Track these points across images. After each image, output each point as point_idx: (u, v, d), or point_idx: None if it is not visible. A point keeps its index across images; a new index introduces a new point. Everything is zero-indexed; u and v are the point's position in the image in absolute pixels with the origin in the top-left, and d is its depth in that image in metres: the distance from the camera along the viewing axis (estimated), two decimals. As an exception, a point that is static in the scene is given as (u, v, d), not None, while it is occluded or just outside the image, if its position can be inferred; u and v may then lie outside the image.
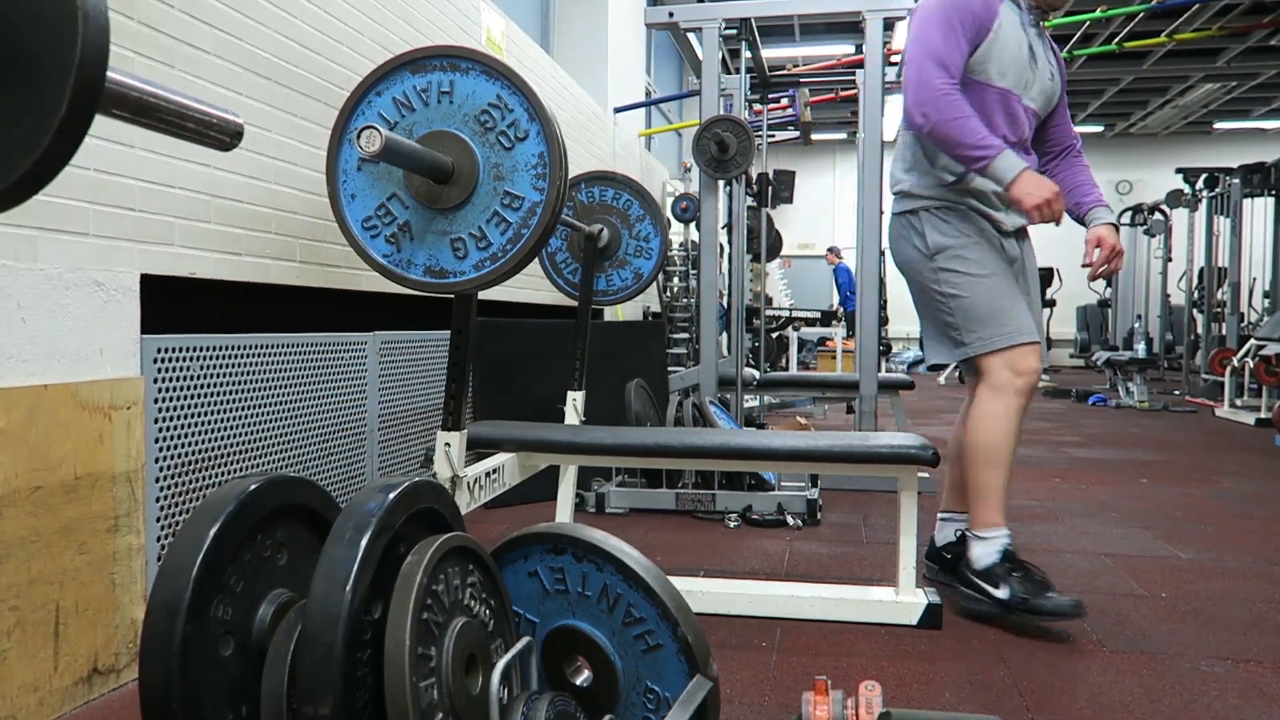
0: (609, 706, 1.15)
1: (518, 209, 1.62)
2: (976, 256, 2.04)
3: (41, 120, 0.53)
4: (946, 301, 2.05)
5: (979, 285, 2.03)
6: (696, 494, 3.05)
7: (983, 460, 2.00)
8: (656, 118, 8.87)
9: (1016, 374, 2.00)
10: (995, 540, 2.00)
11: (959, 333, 2.05)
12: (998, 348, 2.00)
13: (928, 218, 2.07)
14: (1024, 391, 2.01)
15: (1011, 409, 1.99)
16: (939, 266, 2.06)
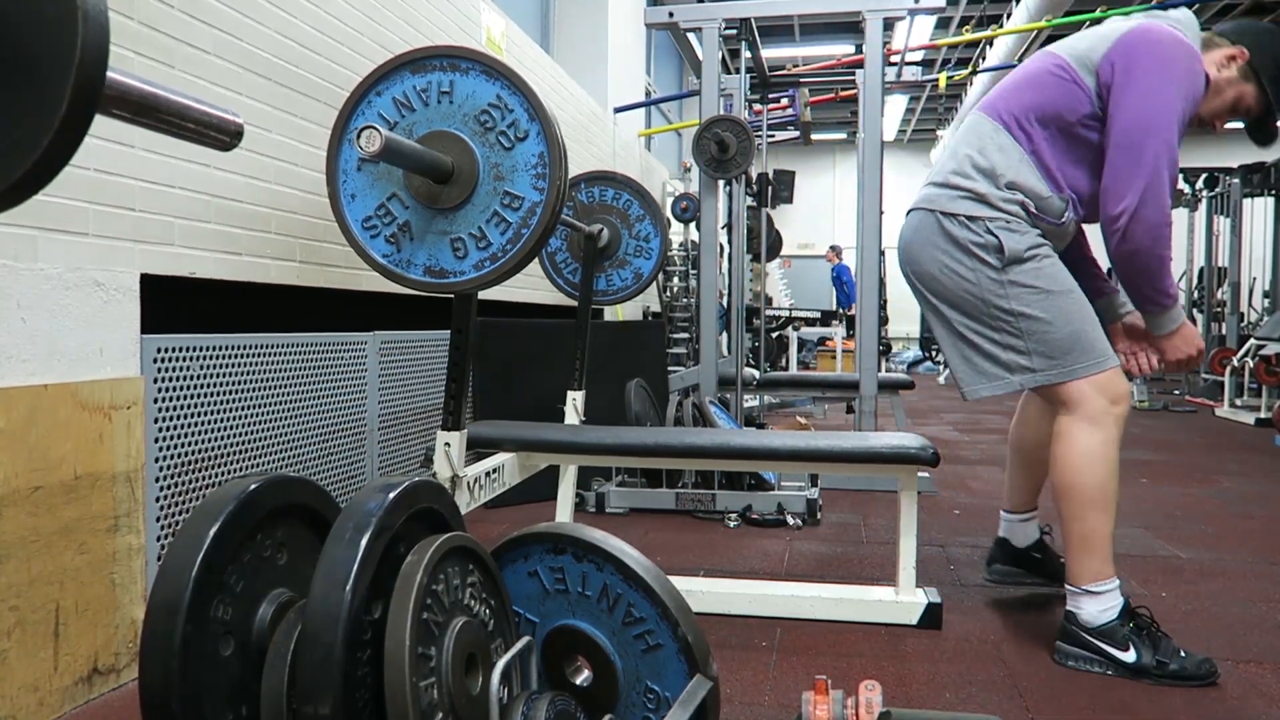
0: (609, 706, 1.15)
1: (518, 209, 1.62)
2: (1054, 271, 1.78)
3: (41, 120, 0.53)
4: (1015, 321, 1.76)
5: (1062, 303, 1.76)
6: (696, 494, 3.05)
7: (1089, 503, 1.72)
8: (656, 118, 8.87)
9: (1114, 401, 1.74)
10: (1112, 593, 1.73)
11: (1028, 357, 1.77)
12: (1089, 374, 1.74)
13: (1000, 226, 1.77)
14: (1122, 420, 1.75)
15: (1112, 440, 1.73)
16: (1012, 280, 1.76)
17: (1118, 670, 1.70)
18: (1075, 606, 1.76)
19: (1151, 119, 1.65)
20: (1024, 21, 7.11)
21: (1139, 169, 1.65)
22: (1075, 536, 1.75)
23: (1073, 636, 1.76)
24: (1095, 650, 1.73)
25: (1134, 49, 1.68)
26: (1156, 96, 1.66)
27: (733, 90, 4.24)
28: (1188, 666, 1.67)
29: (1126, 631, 1.71)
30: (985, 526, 2.94)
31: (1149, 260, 1.70)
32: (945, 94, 10.91)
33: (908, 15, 7.17)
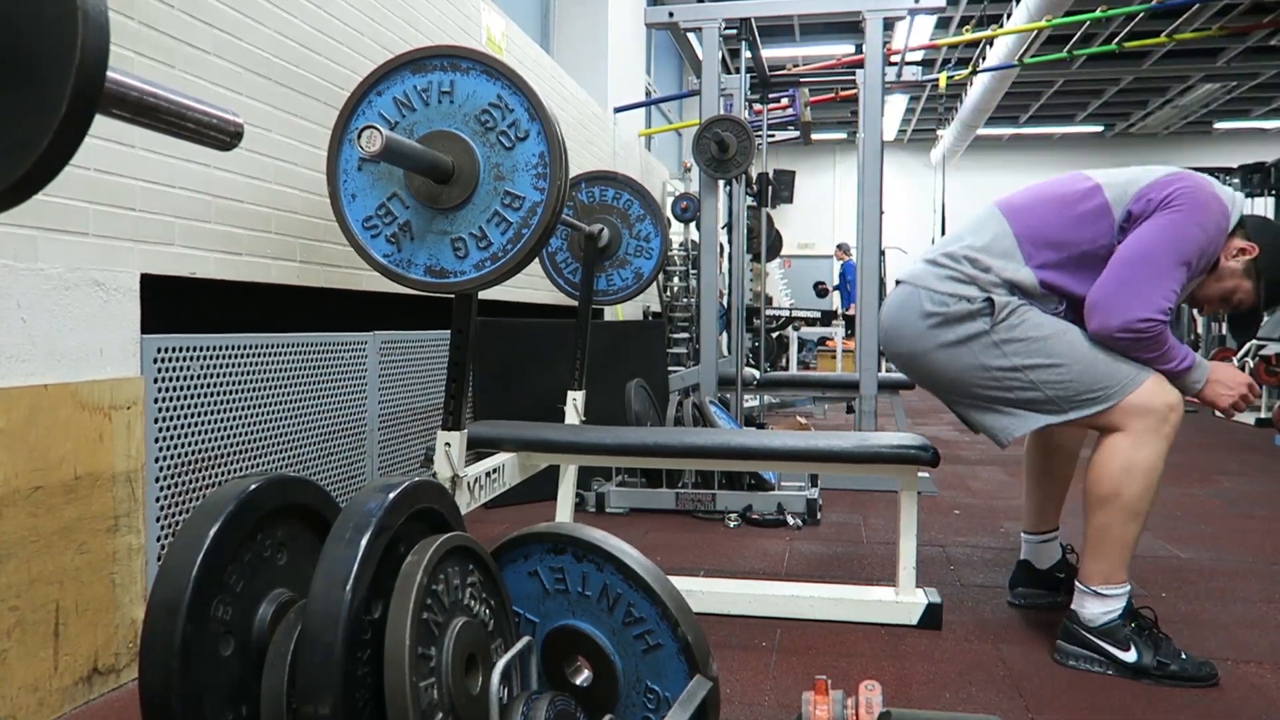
0: (609, 706, 1.15)
1: (518, 209, 1.62)
2: (1040, 319, 1.76)
3: (41, 120, 0.53)
4: (1023, 375, 1.74)
5: (1062, 343, 1.73)
6: (696, 494, 3.05)
7: (1122, 512, 1.69)
8: (656, 118, 8.87)
9: (1162, 417, 1.67)
10: (1118, 598, 1.73)
11: (1050, 403, 1.74)
12: (1121, 397, 1.69)
13: (986, 289, 1.78)
14: (1173, 433, 1.69)
15: (1159, 454, 1.68)
16: (1005, 338, 1.74)
17: (1118, 670, 1.70)
18: (1079, 605, 1.76)
19: (1150, 252, 1.67)
20: (1024, 21, 7.11)
21: (1123, 298, 1.67)
22: (1097, 539, 1.73)
23: (1073, 635, 1.76)
24: (1096, 649, 1.73)
25: (1173, 187, 1.70)
26: (1174, 230, 1.67)
27: (733, 90, 4.24)
28: (1188, 668, 1.67)
29: (1128, 631, 1.71)
30: (985, 526, 2.94)
31: (1139, 356, 1.71)
32: (945, 94, 10.91)
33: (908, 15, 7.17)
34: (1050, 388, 1.73)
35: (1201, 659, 1.70)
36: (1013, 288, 1.78)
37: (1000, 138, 14.13)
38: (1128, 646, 1.70)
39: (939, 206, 10.82)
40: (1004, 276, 1.78)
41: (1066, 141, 14.39)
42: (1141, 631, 1.71)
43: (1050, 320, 1.77)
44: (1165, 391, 1.70)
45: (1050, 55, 7.71)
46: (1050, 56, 7.68)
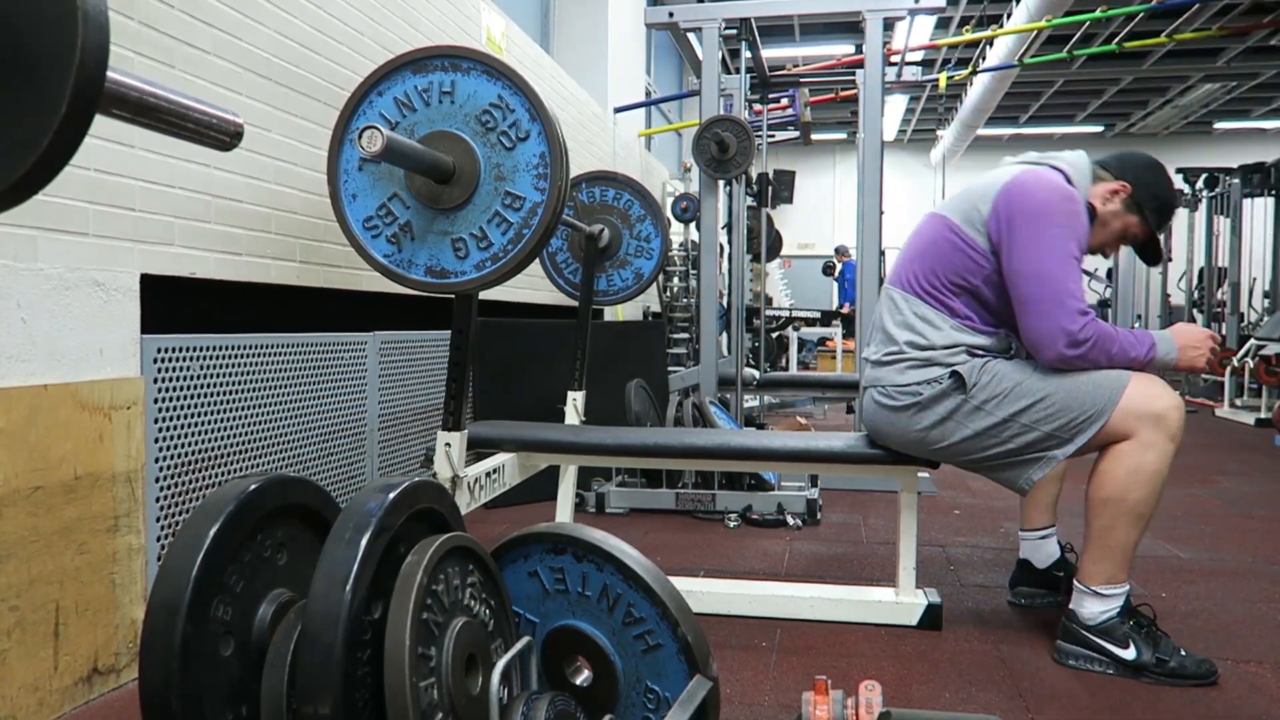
0: (609, 706, 1.15)
1: (519, 209, 1.62)
2: (1007, 368, 1.78)
3: (41, 120, 0.53)
4: (1015, 420, 1.74)
5: (1039, 379, 1.74)
6: (696, 494, 3.05)
7: (1125, 516, 1.69)
8: (656, 118, 8.87)
9: (1159, 418, 1.67)
10: (1117, 597, 1.73)
11: (1052, 439, 1.73)
12: (1114, 405, 1.69)
13: (951, 364, 1.80)
14: (1177, 434, 1.69)
15: (1165, 456, 1.68)
16: (985, 399, 1.76)
17: (1117, 668, 1.70)
18: (1078, 605, 1.76)
19: (1039, 270, 1.71)
20: (1024, 21, 7.11)
21: (1047, 321, 1.71)
22: (1099, 541, 1.73)
23: (1073, 635, 1.76)
24: (1095, 648, 1.73)
25: (1011, 205, 1.75)
26: (1038, 247, 1.71)
27: (733, 90, 4.24)
28: (1187, 665, 1.67)
29: (1126, 629, 1.71)
30: (985, 527, 2.94)
31: (1102, 362, 1.72)
32: (945, 94, 10.91)
33: (908, 15, 7.17)
34: (1045, 424, 1.73)
35: (1201, 656, 1.70)
36: (963, 348, 1.81)
37: (1000, 138, 14.13)
38: (1127, 644, 1.70)
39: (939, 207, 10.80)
40: (948, 343, 1.81)
41: (1066, 141, 14.39)
42: (1140, 629, 1.71)
43: (1016, 365, 1.79)
44: (1157, 393, 1.69)
45: (1050, 55, 7.70)
46: (1050, 56, 7.67)
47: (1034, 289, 1.71)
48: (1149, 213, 1.87)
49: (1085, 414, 1.71)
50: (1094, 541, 1.74)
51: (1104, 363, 1.72)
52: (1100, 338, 1.70)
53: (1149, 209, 1.87)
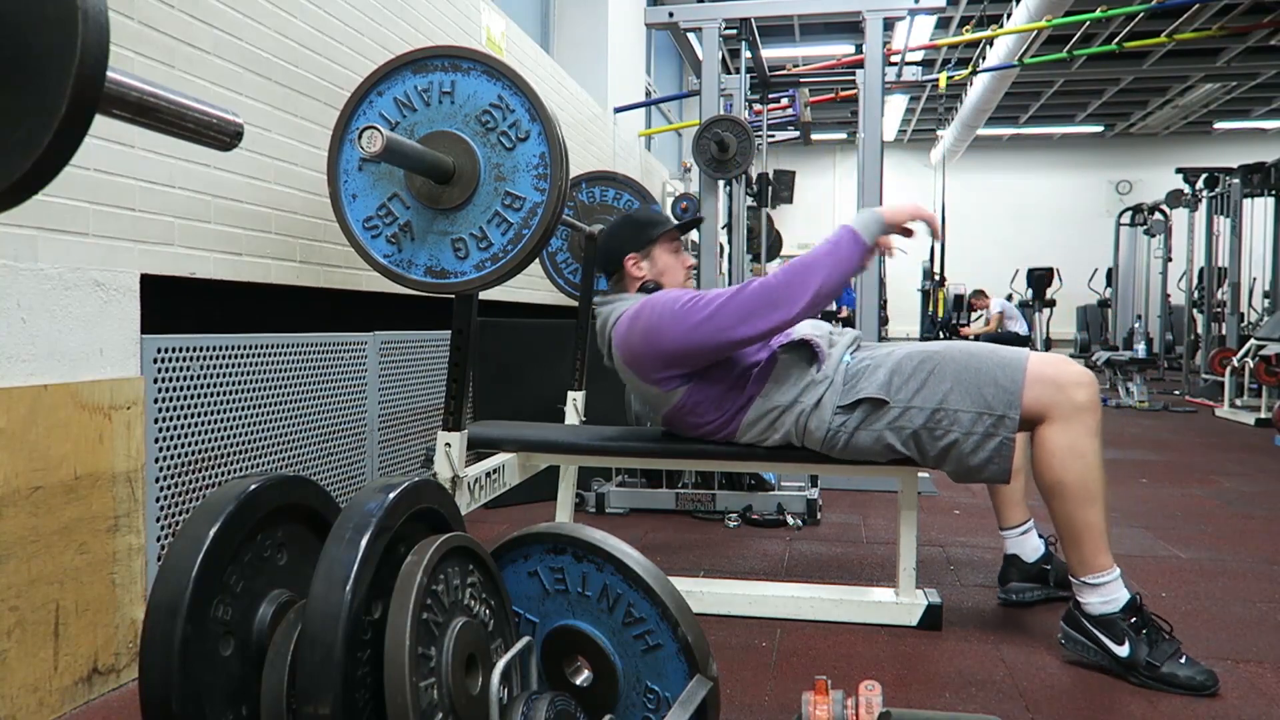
0: (609, 706, 1.15)
1: (519, 209, 1.62)
2: (894, 362, 1.82)
3: (41, 120, 0.53)
4: (933, 418, 1.76)
5: (941, 363, 1.78)
6: (696, 494, 3.05)
7: (1075, 499, 1.71)
8: (656, 118, 8.87)
9: (1069, 389, 1.70)
10: (1111, 585, 1.74)
11: (978, 418, 1.74)
12: (1020, 378, 1.72)
13: (817, 404, 1.84)
14: (1090, 409, 1.71)
15: (1088, 432, 1.71)
16: (907, 399, 1.78)
17: (1109, 662, 1.71)
18: (1080, 596, 1.77)
19: (666, 329, 1.84)
20: (1024, 21, 7.11)
21: (738, 313, 1.78)
22: (1066, 532, 1.76)
23: (1075, 621, 1.77)
24: (1092, 638, 1.73)
25: (631, 346, 1.90)
26: (657, 324, 1.85)
27: (733, 90, 4.24)
28: (1179, 673, 1.64)
29: (1125, 626, 1.71)
30: (985, 526, 2.94)
31: (813, 281, 1.73)
32: (945, 94, 10.91)
33: (908, 15, 7.17)
34: (963, 411, 1.75)
35: (1203, 668, 1.66)
36: (769, 402, 1.88)
37: (1000, 138, 14.13)
38: (1122, 641, 1.70)
39: (939, 207, 10.82)
40: (772, 403, 1.88)
41: (1066, 141, 14.39)
42: (1140, 629, 1.70)
43: (884, 349, 1.88)
44: (1064, 369, 1.73)
45: (1050, 55, 7.70)
46: (1050, 56, 7.68)
47: (702, 335, 1.80)
48: (642, 243, 2.06)
49: (987, 395, 1.73)
50: (1061, 532, 1.77)
51: (817, 279, 1.72)
52: (784, 270, 1.75)
53: (637, 242, 2.06)
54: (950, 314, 10.40)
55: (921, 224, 1.77)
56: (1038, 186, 14.37)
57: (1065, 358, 1.78)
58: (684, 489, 3.10)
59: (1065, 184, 14.31)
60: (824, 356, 1.87)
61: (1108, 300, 10.27)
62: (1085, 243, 13.39)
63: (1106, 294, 10.42)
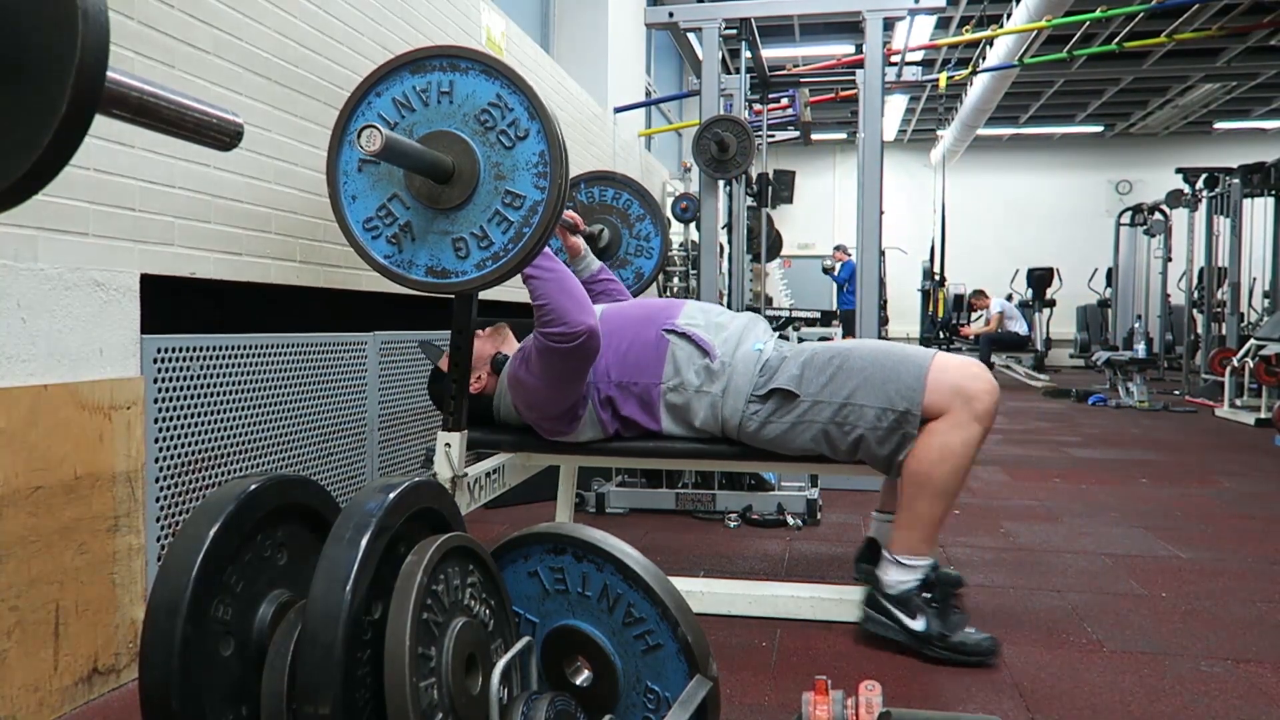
0: (609, 706, 1.15)
1: (519, 208, 1.62)
2: (807, 357, 1.86)
3: (41, 120, 0.53)
4: (849, 410, 1.79)
5: (850, 360, 1.82)
6: (696, 494, 3.05)
7: (933, 492, 1.77)
8: (656, 118, 8.87)
9: (974, 396, 1.74)
10: (919, 569, 1.82)
11: (888, 416, 1.77)
12: (924, 383, 1.76)
13: (731, 390, 1.87)
14: (985, 417, 1.76)
15: (972, 440, 1.76)
16: (815, 392, 1.82)
17: (906, 637, 1.78)
18: (882, 572, 1.85)
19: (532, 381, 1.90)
20: (1024, 21, 7.11)
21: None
22: (905, 512, 1.81)
23: (874, 601, 1.84)
24: (889, 616, 1.81)
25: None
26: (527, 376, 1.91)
27: (733, 90, 4.24)
28: (968, 642, 1.74)
29: (920, 600, 1.79)
30: (985, 526, 2.94)
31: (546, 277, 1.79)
32: (945, 94, 10.91)
33: (908, 15, 7.17)
34: (865, 406, 1.79)
35: (985, 635, 1.76)
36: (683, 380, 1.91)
37: (1000, 138, 14.13)
38: (916, 615, 1.78)
39: (939, 207, 10.82)
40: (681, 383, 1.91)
41: (1066, 141, 14.39)
42: (933, 602, 1.79)
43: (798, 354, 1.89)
44: (974, 374, 1.76)
45: (1050, 55, 7.70)
46: (1050, 56, 7.67)
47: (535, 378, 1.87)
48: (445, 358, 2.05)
49: (891, 389, 1.77)
50: (901, 514, 1.83)
51: (545, 281, 1.78)
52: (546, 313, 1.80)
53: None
54: (950, 314, 10.40)
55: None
56: (1038, 186, 14.37)
57: (975, 362, 1.81)
58: (684, 489, 3.10)
59: (1065, 184, 14.31)
60: (709, 345, 1.89)
61: (1108, 300, 10.27)
62: (1085, 243, 13.38)
63: (1106, 294, 10.42)
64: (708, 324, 1.95)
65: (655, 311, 1.99)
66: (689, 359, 1.90)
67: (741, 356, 1.90)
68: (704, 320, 1.96)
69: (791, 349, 1.93)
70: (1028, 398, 7.98)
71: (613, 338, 1.92)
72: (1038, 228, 14.13)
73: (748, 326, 1.98)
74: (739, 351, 1.90)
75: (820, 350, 1.87)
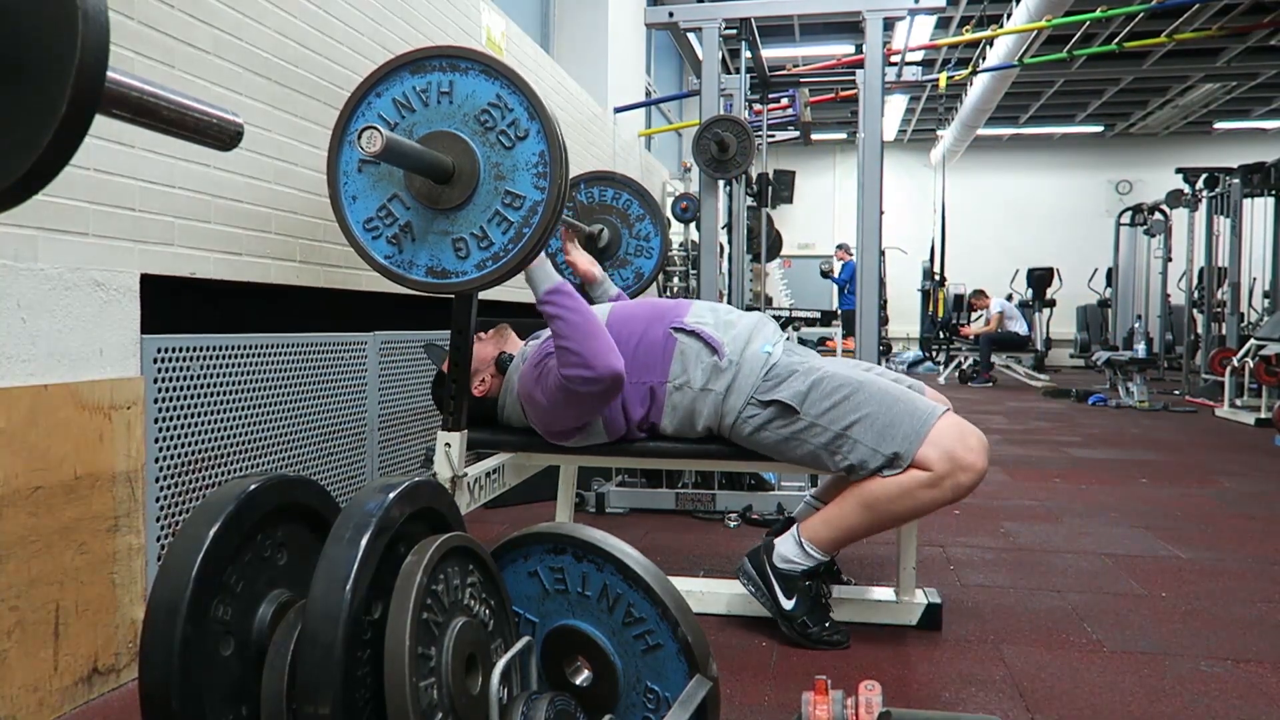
0: (609, 706, 1.15)
1: (519, 208, 1.62)
2: (819, 377, 1.84)
3: (41, 120, 0.53)
4: (843, 441, 1.79)
5: (859, 394, 1.80)
6: (696, 494, 3.05)
7: (874, 521, 1.80)
8: (656, 118, 8.87)
9: (959, 468, 1.72)
10: (812, 559, 1.86)
11: (877, 457, 1.76)
12: (923, 439, 1.74)
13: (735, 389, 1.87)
14: (960, 491, 1.75)
15: (938, 502, 1.76)
16: (817, 415, 1.80)
17: (771, 609, 1.88)
18: (781, 542, 1.89)
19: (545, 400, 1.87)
20: (1024, 21, 7.11)
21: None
22: (837, 515, 1.83)
23: (758, 561, 1.91)
24: (766, 583, 1.88)
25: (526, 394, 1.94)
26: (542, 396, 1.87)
27: (733, 90, 4.23)
28: (824, 634, 1.84)
29: (801, 585, 1.86)
30: (985, 526, 2.94)
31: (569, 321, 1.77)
32: (945, 94, 10.91)
33: (908, 15, 7.17)
34: (865, 430, 1.78)
35: (841, 631, 1.86)
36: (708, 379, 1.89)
37: (1000, 138, 14.13)
38: (791, 596, 1.86)
39: (939, 206, 10.82)
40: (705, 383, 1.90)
41: (1066, 141, 14.39)
42: (810, 591, 1.86)
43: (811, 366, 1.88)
44: (964, 442, 1.74)
45: (1050, 55, 7.70)
46: (1050, 56, 7.68)
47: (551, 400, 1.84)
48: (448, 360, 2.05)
49: (891, 435, 1.76)
50: (832, 508, 1.85)
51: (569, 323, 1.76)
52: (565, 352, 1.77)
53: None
54: (950, 314, 10.40)
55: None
56: (1038, 186, 14.37)
57: (977, 434, 1.77)
58: (684, 489, 3.10)
59: (1065, 184, 14.31)
60: (718, 342, 1.89)
61: (1108, 300, 10.27)
62: (1085, 243, 13.39)
63: (1106, 294, 10.42)
64: (717, 322, 1.94)
65: (665, 310, 1.98)
66: (696, 357, 1.89)
67: (750, 356, 1.89)
68: (713, 319, 1.95)
69: (801, 361, 1.91)
70: (1028, 398, 7.98)
71: (622, 338, 1.91)
72: (1038, 228, 14.13)
73: (757, 326, 1.97)
74: (747, 350, 1.89)
75: (832, 375, 1.84)
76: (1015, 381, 9.58)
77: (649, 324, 1.95)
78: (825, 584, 1.91)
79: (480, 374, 2.04)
